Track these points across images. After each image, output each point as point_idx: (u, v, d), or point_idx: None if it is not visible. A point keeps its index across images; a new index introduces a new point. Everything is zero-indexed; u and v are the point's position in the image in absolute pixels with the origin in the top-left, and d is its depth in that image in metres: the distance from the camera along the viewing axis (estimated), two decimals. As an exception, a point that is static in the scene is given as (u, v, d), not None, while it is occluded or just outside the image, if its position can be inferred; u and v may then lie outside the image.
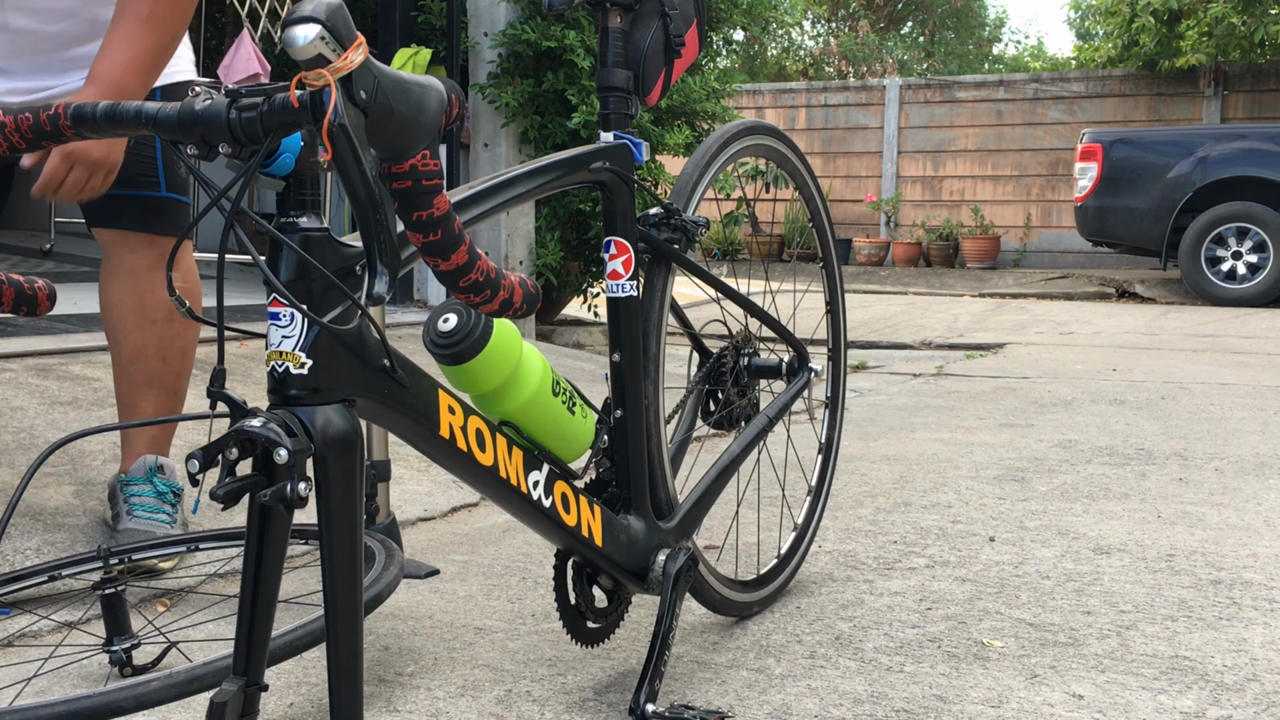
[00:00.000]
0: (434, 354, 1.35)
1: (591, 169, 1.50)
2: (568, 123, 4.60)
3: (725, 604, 1.80)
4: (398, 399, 1.14)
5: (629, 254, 1.55)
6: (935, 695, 1.57)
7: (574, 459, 1.49)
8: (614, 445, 1.56)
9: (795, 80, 18.84)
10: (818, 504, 2.13)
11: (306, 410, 1.02)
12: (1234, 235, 8.51)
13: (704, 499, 1.72)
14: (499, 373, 1.38)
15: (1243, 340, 6.12)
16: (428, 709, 1.52)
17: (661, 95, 1.67)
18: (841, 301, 2.19)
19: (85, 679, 1.61)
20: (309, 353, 1.02)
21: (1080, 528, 2.42)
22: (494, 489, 1.33)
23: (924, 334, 6.60)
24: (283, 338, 1.03)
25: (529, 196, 1.42)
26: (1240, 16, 10.67)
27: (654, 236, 1.64)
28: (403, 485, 2.64)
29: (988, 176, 12.42)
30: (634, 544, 1.54)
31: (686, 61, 1.70)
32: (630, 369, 1.56)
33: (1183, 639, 1.78)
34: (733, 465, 1.80)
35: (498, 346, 1.36)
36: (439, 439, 1.22)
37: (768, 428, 1.89)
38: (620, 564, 1.52)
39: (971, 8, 20.30)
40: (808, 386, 1.99)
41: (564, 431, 1.46)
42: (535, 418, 1.43)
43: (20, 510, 2.14)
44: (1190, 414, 3.82)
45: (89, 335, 3.35)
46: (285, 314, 1.03)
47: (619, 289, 1.55)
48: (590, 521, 1.46)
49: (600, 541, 1.47)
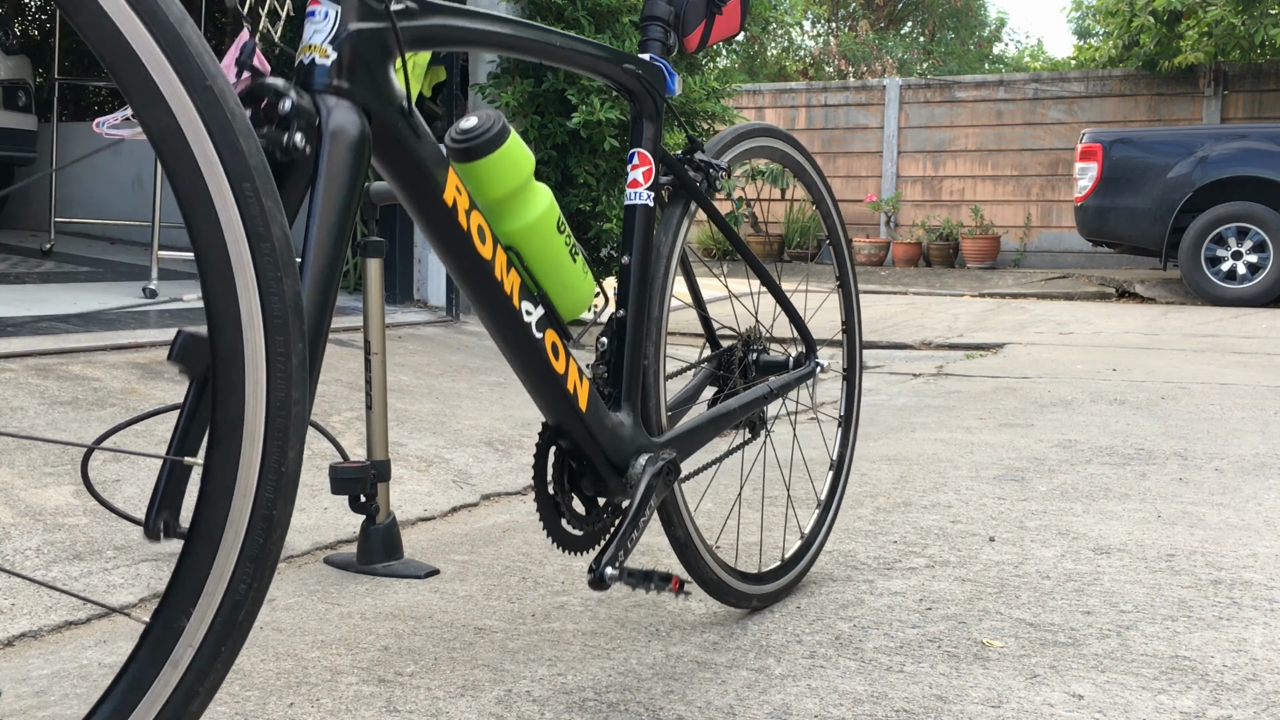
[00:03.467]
0: (451, 151, 1.39)
1: (624, 68, 1.61)
2: (568, 123, 4.60)
3: (722, 588, 1.82)
4: (409, 142, 1.19)
5: (649, 165, 1.65)
6: (935, 695, 1.57)
7: (570, 313, 1.51)
8: (611, 348, 1.61)
9: (795, 80, 18.84)
10: (825, 516, 2.14)
11: (322, 96, 1.09)
12: (1234, 235, 8.51)
13: (695, 433, 1.73)
14: (508, 180, 1.41)
15: (1243, 340, 6.12)
16: (428, 709, 1.52)
17: (700, 46, 1.79)
18: (858, 320, 2.22)
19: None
20: (334, 46, 1.10)
21: (1080, 528, 2.42)
22: (486, 292, 1.35)
23: (924, 334, 6.60)
24: (314, 32, 1.11)
25: (560, 56, 1.49)
26: (1240, 17, 10.67)
27: (678, 163, 1.73)
28: (403, 485, 2.64)
29: (988, 176, 12.43)
30: (618, 438, 1.56)
31: (726, 28, 1.82)
32: (637, 272, 1.62)
33: (1183, 639, 1.78)
34: (728, 416, 1.82)
35: (510, 154, 1.40)
36: (441, 204, 1.25)
37: (769, 396, 1.91)
38: (602, 447, 1.53)
39: (971, 8, 20.30)
40: (813, 377, 2.03)
41: (564, 275, 1.48)
42: (538, 248, 1.45)
43: (20, 510, 2.14)
44: (1190, 414, 3.82)
45: (89, 335, 3.35)
46: (321, 10, 1.12)
47: (636, 196, 1.64)
48: (578, 385, 1.48)
49: (584, 407, 1.49)
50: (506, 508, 2.65)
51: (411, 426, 3.09)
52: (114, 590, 1.92)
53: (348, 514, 2.37)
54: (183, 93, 0.87)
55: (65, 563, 1.98)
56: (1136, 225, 8.88)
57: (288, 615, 1.88)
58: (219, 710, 1.50)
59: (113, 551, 2.06)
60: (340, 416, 3.02)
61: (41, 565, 1.95)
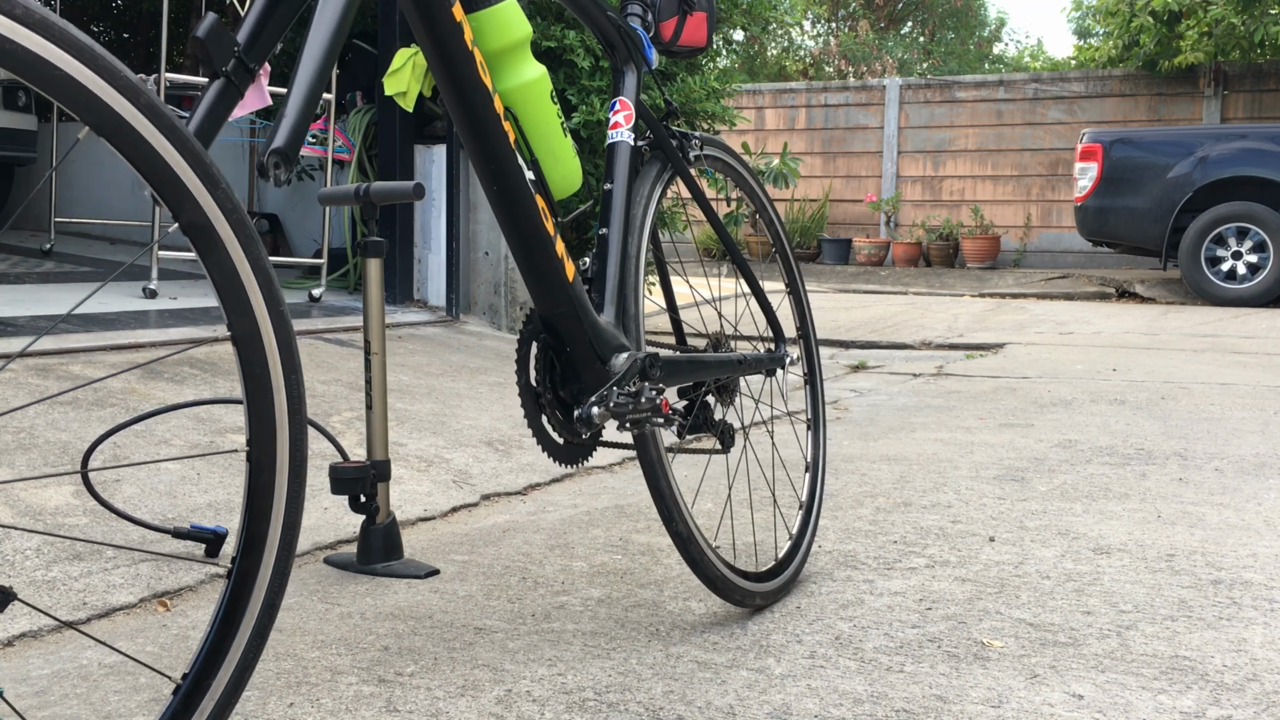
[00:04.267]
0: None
1: (607, 16, 1.76)
2: (568, 123, 4.60)
3: (724, 582, 1.83)
4: None
5: (629, 110, 1.78)
6: (935, 695, 1.57)
7: (558, 188, 1.60)
8: (596, 264, 1.70)
9: (795, 80, 18.83)
10: (809, 516, 2.17)
11: None
12: (1234, 235, 8.51)
13: (671, 363, 1.78)
14: (507, 33, 1.50)
15: (1243, 340, 6.11)
16: (428, 709, 1.52)
17: (672, 39, 1.93)
18: (811, 326, 2.30)
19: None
20: None
21: (1080, 528, 2.42)
22: (484, 124, 1.42)
23: (924, 334, 6.60)
24: None
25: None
26: (1240, 17, 10.66)
27: (657, 122, 1.86)
28: (403, 485, 2.64)
29: (988, 176, 12.42)
30: (600, 329, 1.62)
31: (695, 36, 1.96)
32: (620, 196, 1.74)
33: (1183, 639, 1.78)
34: (704, 367, 1.88)
35: (507, 11, 1.51)
36: (450, 18, 1.34)
37: (741, 366, 1.97)
38: (585, 328, 1.59)
39: (971, 8, 20.30)
40: (782, 365, 2.12)
41: (554, 145, 1.58)
42: (532, 111, 1.55)
43: (20, 510, 2.14)
44: (1190, 414, 3.82)
45: (89, 335, 3.35)
46: None
47: (617, 135, 1.77)
48: (565, 257, 1.56)
49: (570, 278, 1.56)
50: (506, 508, 2.65)
51: (411, 426, 3.09)
52: (114, 590, 1.92)
53: (348, 514, 2.37)
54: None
55: (65, 563, 1.98)
56: (1136, 225, 8.88)
57: (288, 615, 1.88)
58: (219, 710, 1.50)
59: (113, 551, 2.06)
60: (340, 416, 3.03)
61: (41, 565, 1.95)
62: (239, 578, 1.08)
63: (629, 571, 2.14)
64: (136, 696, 1.54)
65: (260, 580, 1.08)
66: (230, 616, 1.08)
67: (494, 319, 5.12)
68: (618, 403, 1.55)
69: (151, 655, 1.70)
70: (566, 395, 1.62)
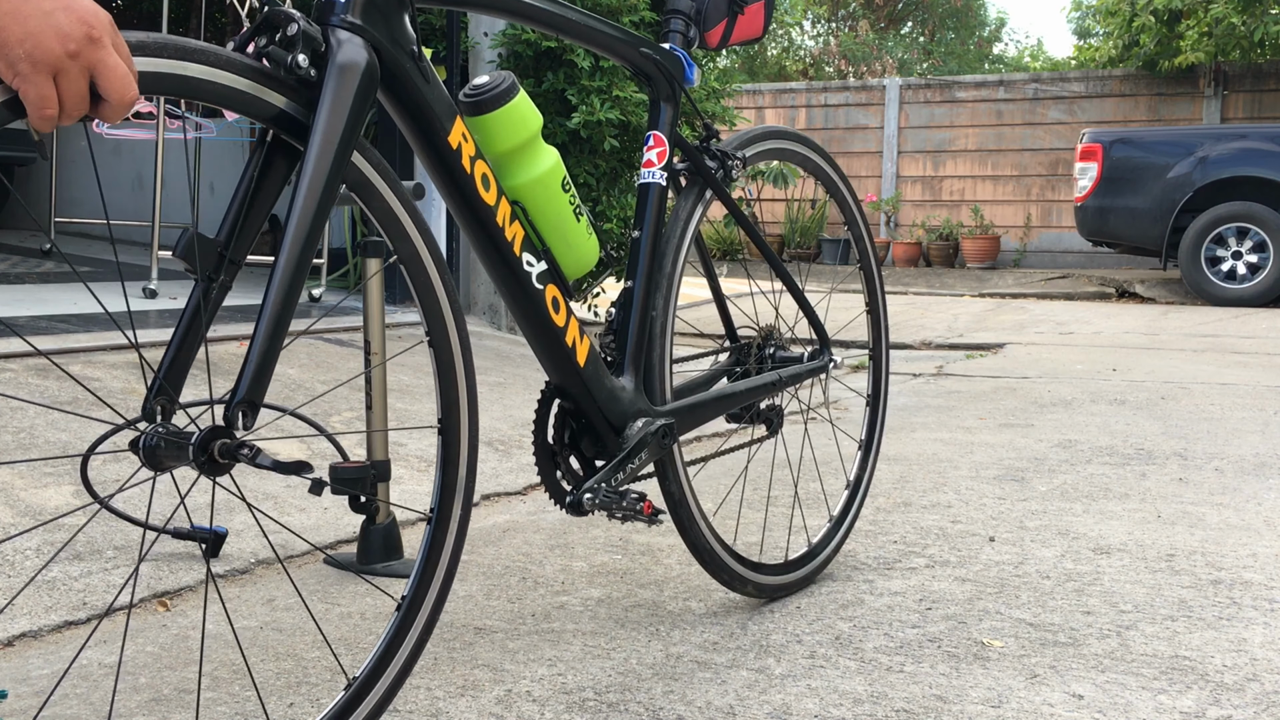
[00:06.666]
0: (462, 105, 1.45)
1: (640, 52, 1.68)
2: (568, 123, 4.60)
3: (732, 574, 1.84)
4: (417, 83, 1.27)
5: (664, 147, 1.71)
6: (935, 695, 1.57)
7: (573, 271, 1.55)
8: (619, 318, 1.66)
9: (795, 80, 18.84)
10: (852, 503, 2.19)
11: (334, 30, 1.18)
12: (1234, 235, 8.51)
13: (697, 407, 1.75)
14: (514, 135, 1.47)
15: (1243, 340, 6.12)
16: (428, 709, 1.52)
17: (721, 44, 1.85)
18: (882, 301, 2.25)
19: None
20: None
21: (1080, 528, 2.42)
22: (487, 237, 1.40)
23: (924, 334, 6.60)
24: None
25: (576, 32, 1.56)
26: (1240, 16, 10.66)
27: (695, 150, 1.78)
28: (403, 485, 2.64)
29: (988, 176, 12.42)
30: (616, 399, 1.60)
31: (749, 30, 1.87)
32: (648, 246, 1.67)
33: (1183, 639, 1.78)
34: (733, 398, 1.85)
35: (518, 110, 1.47)
36: (446, 145, 1.31)
37: (778, 385, 1.93)
38: (599, 404, 1.57)
39: (971, 8, 20.30)
40: (825, 371, 2.06)
41: (567, 233, 1.52)
42: (542, 204, 1.50)
43: (20, 510, 2.14)
44: (1190, 414, 3.82)
45: (89, 335, 3.35)
46: None
47: (649, 175, 1.71)
48: (577, 341, 1.53)
49: (582, 363, 1.53)
50: (506, 508, 2.65)
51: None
52: (114, 590, 1.92)
53: (348, 514, 2.37)
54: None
55: (65, 563, 1.98)
56: (1136, 225, 8.87)
57: (288, 615, 1.88)
58: (219, 710, 1.50)
59: (113, 551, 2.06)
60: (340, 416, 3.02)
61: (42, 565, 1.95)
62: (439, 519, 1.38)
63: (629, 571, 2.14)
64: (136, 696, 1.54)
65: (452, 521, 1.38)
66: (435, 542, 1.38)
67: (494, 319, 5.12)
68: (604, 499, 1.56)
69: (152, 655, 1.70)
70: (586, 448, 1.62)
